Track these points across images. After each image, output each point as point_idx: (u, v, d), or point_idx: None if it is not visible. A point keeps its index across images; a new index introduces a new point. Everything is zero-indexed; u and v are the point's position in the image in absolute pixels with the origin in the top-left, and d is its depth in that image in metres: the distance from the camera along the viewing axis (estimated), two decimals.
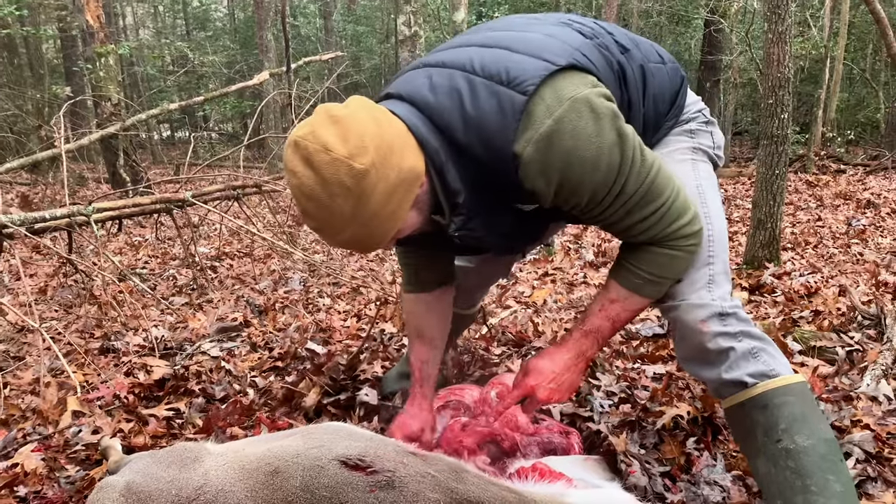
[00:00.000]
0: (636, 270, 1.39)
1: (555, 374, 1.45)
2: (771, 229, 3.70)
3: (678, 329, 1.45)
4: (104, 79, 7.47)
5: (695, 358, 1.45)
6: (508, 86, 1.22)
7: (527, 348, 2.57)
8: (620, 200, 1.29)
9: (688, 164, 1.57)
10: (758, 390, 1.36)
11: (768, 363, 1.38)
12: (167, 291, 3.86)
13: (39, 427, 2.12)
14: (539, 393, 1.45)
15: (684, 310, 1.41)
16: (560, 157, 1.21)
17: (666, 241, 1.35)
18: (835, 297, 3.13)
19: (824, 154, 11.59)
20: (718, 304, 1.41)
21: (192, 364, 2.54)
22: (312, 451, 1.26)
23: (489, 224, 1.35)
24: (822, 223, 6.39)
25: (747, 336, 1.40)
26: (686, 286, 1.43)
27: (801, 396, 1.37)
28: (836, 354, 2.35)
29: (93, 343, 2.96)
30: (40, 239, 2.83)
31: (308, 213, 1.19)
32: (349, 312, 3.32)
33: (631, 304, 1.42)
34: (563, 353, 1.46)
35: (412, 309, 1.79)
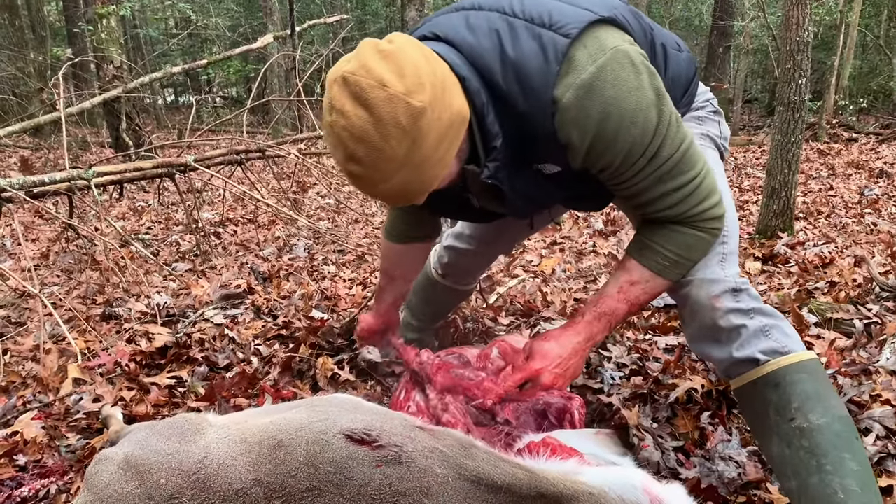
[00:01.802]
0: (663, 251, 1.32)
1: (562, 358, 1.37)
2: (785, 198, 3.62)
3: (689, 306, 1.40)
4: (106, 41, 7.34)
5: (705, 336, 1.40)
6: (550, 28, 1.16)
7: (535, 318, 2.51)
8: (654, 165, 1.23)
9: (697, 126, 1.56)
10: (770, 368, 1.32)
11: (780, 340, 1.34)
12: (170, 257, 3.81)
13: (40, 395, 2.08)
14: (544, 378, 1.37)
15: (697, 285, 1.37)
16: (599, 107, 1.14)
17: (694, 221, 1.30)
18: (850, 267, 3.07)
19: (836, 122, 11.41)
20: (731, 280, 1.37)
21: (195, 332, 2.50)
22: (317, 424, 1.21)
23: (512, 180, 1.28)
24: (834, 192, 6.29)
25: (759, 313, 1.36)
26: (699, 263, 1.38)
27: (815, 374, 1.32)
28: (854, 327, 2.29)
29: (94, 309, 2.91)
30: (40, 203, 2.78)
31: (354, 158, 1.08)
32: (354, 280, 3.27)
33: (652, 287, 1.36)
34: (572, 336, 1.38)
35: (387, 254, 1.81)
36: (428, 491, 1.11)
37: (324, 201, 5.72)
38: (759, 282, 2.89)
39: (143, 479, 1.10)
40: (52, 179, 2.81)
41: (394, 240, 1.75)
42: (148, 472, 1.12)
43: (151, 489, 1.09)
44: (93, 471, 1.17)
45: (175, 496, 1.08)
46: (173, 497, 1.08)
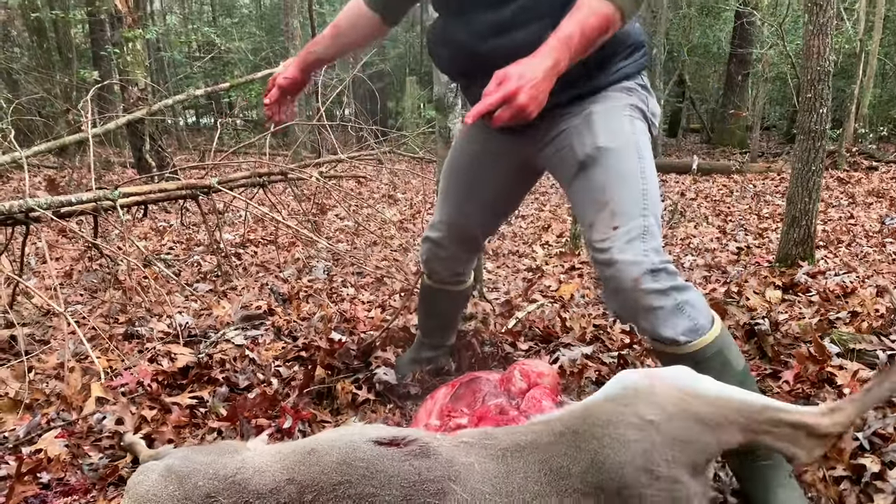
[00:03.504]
0: None
1: (535, 80, 1.35)
2: (806, 227, 3.60)
3: (611, 287, 1.53)
4: (131, 63, 7.48)
5: (628, 313, 1.55)
6: None
7: (554, 344, 2.51)
8: None
9: (626, 118, 1.62)
10: (690, 349, 1.51)
11: (694, 317, 1.51)
12: (191, 277, 3.85)
13: (63, 413, 2.11)
14: (521, 98, 1.33)
15: (619, 268, 1.49)
16: None
17: None
18: (872, 297, 3.04)
19: (856, 151, 11.35)
20: (650, 260, 1.48)
21: (216, 352, 2.52)
22: (347, 435, 1.29)
23: None
24: (854, 221, 6.25)
25: (675, 290, 1.50)
26: (622, 235, 1.50)
27: (724, 343, 1.55)
28: (877, 358, 2.26)
29: (117, 328, 2.95)
30: (66, 223, 2.82)
31: None
32: (373, 303, 3.28)
33: (598, 9, 1.40)
34: (540, 60, 1.37)
35: (350, 9, 1.90)
36: (456, 477, 1.18)
37: (343, 223, 5.76)
38: (779, 311, 2.87)
39: (182, 482, 1.17)
40: (78, 200, 2.86)
41: (368, 4, 1.87)
42: (187, 477, 1.20)
43: (189, 490, 1.15)
44: (134, 480, 1.24)
45: (211, 495, 1.14)
46: (209, 496, 1.14)
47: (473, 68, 1.64)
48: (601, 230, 1.54)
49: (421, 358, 2.35)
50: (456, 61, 1.72)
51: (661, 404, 1.25)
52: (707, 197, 8.07)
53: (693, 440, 1.23)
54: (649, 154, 1.61)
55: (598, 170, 1.58)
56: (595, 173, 1.59)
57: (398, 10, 1.91)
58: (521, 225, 5.75)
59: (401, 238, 5.15)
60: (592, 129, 1.61)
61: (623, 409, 1.25)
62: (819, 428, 1.28)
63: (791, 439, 1.28)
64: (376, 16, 1.88)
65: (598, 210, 1.57)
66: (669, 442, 1.21)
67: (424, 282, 2.21)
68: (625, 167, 1.58)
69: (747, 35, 13.05)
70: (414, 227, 5.65)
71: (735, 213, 6.89)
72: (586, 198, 1.61)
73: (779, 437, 1.28)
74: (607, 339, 2.58)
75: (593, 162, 1.59)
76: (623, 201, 1.55)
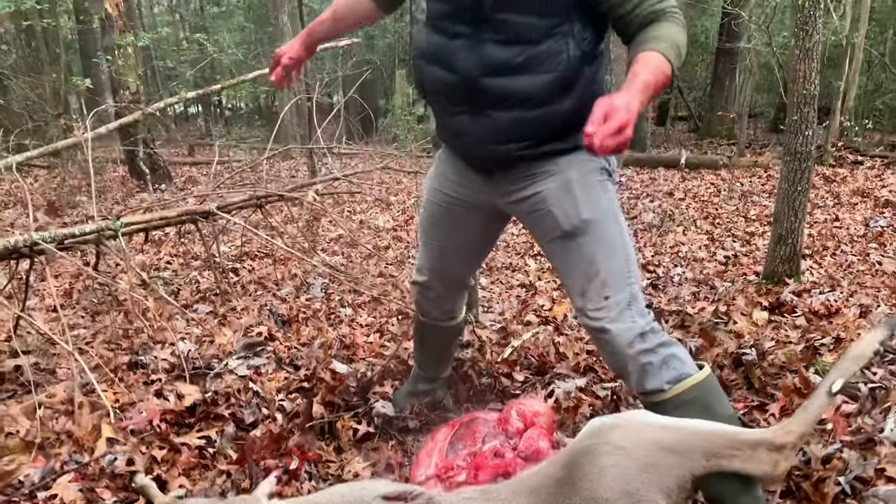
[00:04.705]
0: (665, 40, 1.50)
1: (634, 115, 1.39)
2: (792, 245, 3.70)
3: (607, 350, 1.70)
4: (123, 66, 7.48)
5: (621, 369, 1.72)
6: None
7: (549, 376, 2.59)
8: None
9: (600, 186, 1.73)
10: (672, 393, 1.66)
11: (678, 368, 1.67)
12: (190, 297, 3.91)
13: (76, 455, 2.17)
14: (629, 130, 1.35)
15: (613, 336, 1.65)
16: None
17: (669, 14, 1.54)
18: (856, 318, 3.15)
19: (841, 145, 11.48)
20: (639, 325, 1.66)
21: (222, 386, 2.58)
22: (356, 490, 1.41)
23: None
24: (839, 224, 6.36)
25: (662, 346, 1.67)
26: (614, 306, 1.66)
27: (706, 389, 1.68)
28: (859, 391, 2.36)
29: (120, 356, 3.00)
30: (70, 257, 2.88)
31: None
32: (371, 326, 3.36)
33: (667, 66, 1.49)
34: (633, 98, 1.40)
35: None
36: None
37: (337, 231, 5.81)
38: (766, 335, 2.97)
39: None
40: (81, 232, 2.92)
41: None
42: None
43: None
44: None
45: None
46: None
47: (463, 96, 1.69)
48: (594, 300, 1.67)
49: (418, 391, 2.44)
50: (447, 84, 1.72)
51: (627, 435, 1.43)
52: (695, 197, 8.18)
53: (660, 465, 1.38)
54: (623, 220, 1.75)
55: (585, 240, 1.69)
56: (582, 244, 1.69)
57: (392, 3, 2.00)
58: (513, 233, 5.82)
59: (395, 248, 5.22)
60: (574, 200, 1.70)
61: (597, 442, 1.42)
62: (776, 440, 1.43)
63: (754, 458, 1.42)
64: (372, 2, 1.97)
65: (589, 280, 1.68)
66: (642, 466, 1.37)
67: (418, 318, 2.29)
68: (609, 237, 1.69)
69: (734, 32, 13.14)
70: (408, 237, 5.72)
71: (723, 216, 6.99)
72: (575, 267, 1.71)
73: (743, 458, 1.42)
74: (600, 369, 2.67)
75: (579, 233, 1.69)
76: (611, 271, 1.67)
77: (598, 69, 1.71)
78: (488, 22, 1.60)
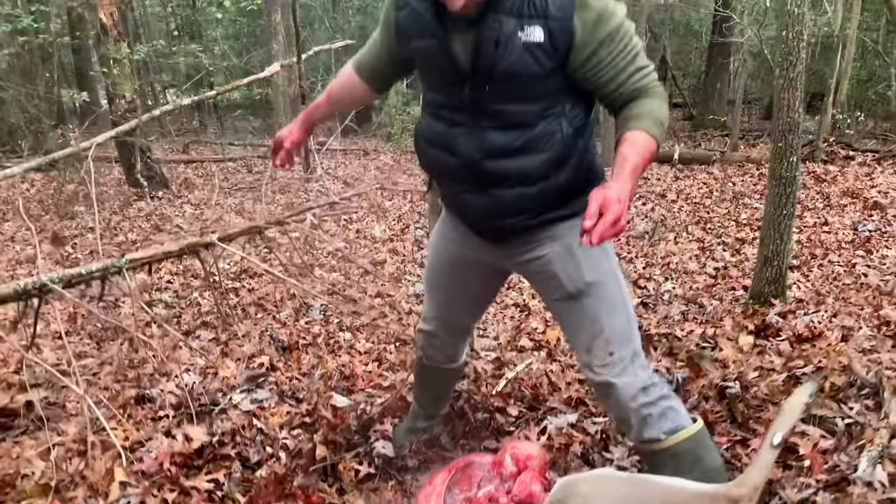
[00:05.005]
0: (650, 116, 1.61)
1: (626, 203, 1.48)
2: (778, 266, 3.81)
3: (612, 403, 1.82)
4: (119, 76, 7.53)
5: (623, 420, 1.84)
6: None
7: (542, 412, 2.70)
8: (630, 45, 1.61)
9: (599, 249, 1.80)
10: (669, 443, 1.77)
11: (675, 419, 1.78)
12: (192, 321, 4.01)
13: (90, 499, 2.28)
14: (623, 221, 1.45)
15: (618, 390, 1.77)
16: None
17: (653, 90, 1.65)
18: (837, 343, 3.26)
19: (833, 140, 11.57)
20: (641, 379, 1.78)
21: (227, 426, 2.69)
22: None
23: (498, 27, 1.58)
24: (828, 228, 6.47)
25: (662, 399, 1.79)
26: (618, 362, 1.78)
27: (698, 441, 1.80)
28: (836, 425, 2.47)
29: (128, 389, 3.10)
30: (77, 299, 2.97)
31: None
32: (370, 353, 3.46)
33: (651, 144, 1.60)
34: (624, 186, 1.49)
35: (343, 78, 2.07)
36: None
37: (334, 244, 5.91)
38: (751, 362, 3.08)
39: None
40: (88, 271, 3.01)
41: (355, 67, 2.02)
42: None
43: None
44: None
45: None
46: None
47: (466, 177, 1.78)
48: (599, 356, 1.79)
49: (417, 428, 2.54)
50: (450, 167, 1.80)
51: (595, 489, 1.62)
52: (687, 199, 8.28)
53: None
54: (621, 275, 1.87)
55: (589, 301, 1.80)
56: (586, 305, 1.80)
57: (387, 81, 2.06)
58: None
59: (392, 262, 5.32)
60: (577, 263, 1.80)
61: (568, 494, 1.60)
62: (732, 494, 1.55)
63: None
64: (366, 84, 2.03)
65: (594, 337, 1.80)
66: None
67: (423, 362, 2.39)
68: (611, 297, 1.81)
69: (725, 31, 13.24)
70: (404, 249, 5.81)
71: (714, 220, 7.10)
72: (579, 326, 1.83)
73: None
74: (591, 402, 2.78)
75: (583, 295, 1.80)
76: (614, 329, 1.79)
77: (589, 138, 1.81)
78: (486, 111, 1.69)
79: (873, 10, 16.41)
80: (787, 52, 3.49)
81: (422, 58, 1.78)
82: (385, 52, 1.90)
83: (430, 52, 1.71)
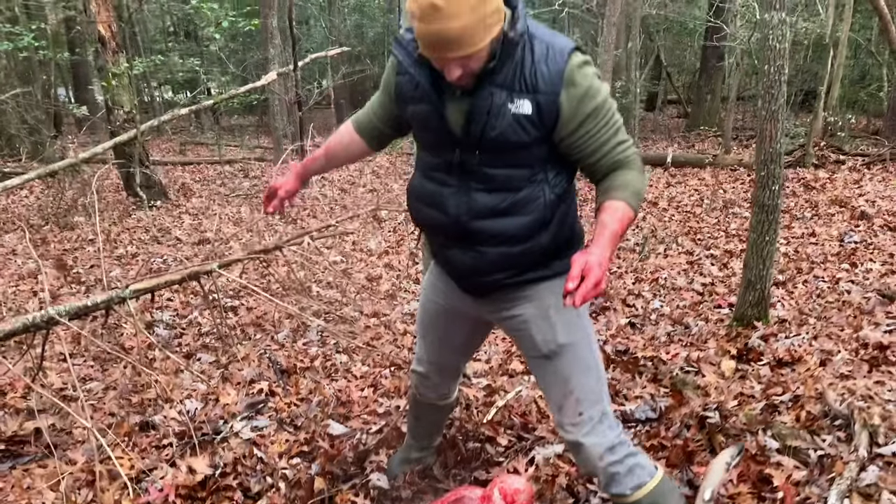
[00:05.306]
0: (628, 188, 1.73)
1: (606, 268, 1.61)
2: (760, 290, 3.93)
3: (582, 460, 1.96)
4: (117, 87, 7.61)
5: (591, 475, 2.02)
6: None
7: (531, 441, 2.83)
8: (612, 120, 1.73)
9: (574, 312, 1.90)
10: (636, 497, 1.90)
11: (640, 475, 1.91)
12: (193, 342, 4.13)
13: None
14: (603, 284, 1.58)
15: (586, 449, 1.90)
16: (591, 74, 1.70)
17: (632, 162, 1.76)
18: (816, 368, 3.39)
19: (824, 144, 11.69)
20: (609, 439, 1.90)
21: (229, 453, 2.81)
22: None
23: (490, 98, 1.69)
24: (815, 240, 6.59)
25: (628, 457, 1.91)
26: (587, 422, 1.90)
27: (660, 492, 1.93)
28: (809, 456, 2.60)
29: (132, 415, 3.22)
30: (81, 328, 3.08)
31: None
32: (366, 377, 3.58)
33: (629, 212, 1.72)
34: (603, 251, 1.62)
35: (342, 135, 2.18)
36: None
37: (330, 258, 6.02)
38: (732, 389, 3.21)
39: None
40: (94, 303, 3.13)
41: (354, 125, 2.15)
42: None
43: None
44: None
45: None
46: None
47: (455, 234, 1.90)
48: (569, 416, 1.91)
49: (411, 458, 2.67)
50: (440, 224, 1.92)
51: None
52: (678, 208, 8.41)
53: None
54: (594, 336, 1.99)
55: (561, 363, 1.92)
56: (559, 366, 1.92)
57: (385, 140, 2.17)
58: None
59: (387, 278, 5.43)
60: (552, 325, 1.92)
61: None
62: None
63: None
64: (365, 142, 2.15)
65: (565, 397, 1.92)
66: None
67: (417, 397, 2.51)
68: (583, 359, 1.93)
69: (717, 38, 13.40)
70: (399, 264, 5.93)
71: (704, 230, 7.23)
72: (552, 385, 1.96)
73: None
74: None
75: (556, 356, 1.92)
76: (584, 391, 1.91)
77: (571, 204, 1.94)
78: (475, 174, 1.81)
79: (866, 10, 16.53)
80: (769, 86, 3.61)
81: (418, 121, 1.90)
82: (384, 113, 2.03)
83: (426, 116, 1.83)
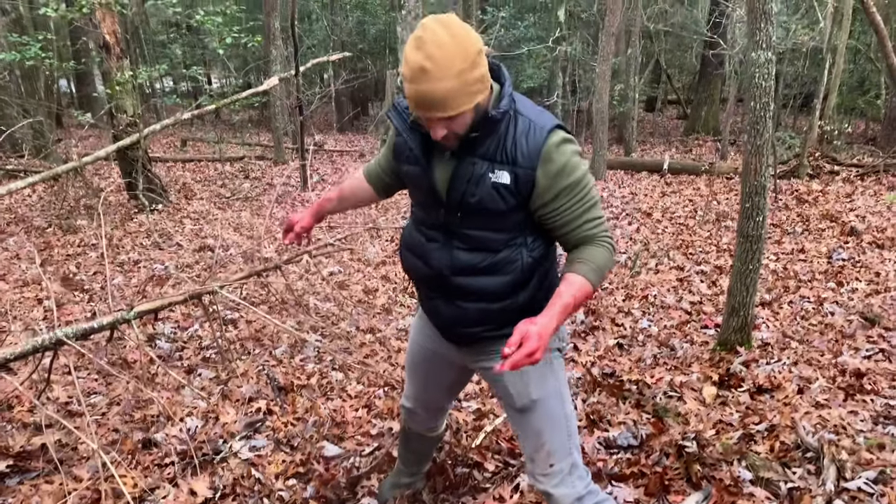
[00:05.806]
0: (590, 263, 1.83)
1: (546, 338, 1.69)
2: (743, 317, 4.06)
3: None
4: (121, 92, 7.72)
5: None
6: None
7: (516, 468, 2.96)
8: (587, 196, 1.83)
9: (549, 367, 2.04)
10: None
11: None
12: (194, 355, 4.25)
13: None
14: (538, 354, 1.65)
15: (557, 500, 2.01)
16: (570, 150, 1.79)
17: (602, 239, 1.86)
18: (794, 395, 3.52)
19: (819, 154, 11.79)
20: (577, 490, 2.02)
21: (228, 474, 2.94)
22: None
23: (472, 167, 1.82)
24: (804, 256, 6.71)
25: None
26: (557, 473, 2.02)
27: None
28: (780, 489, 2.74)
29: (135, 431, 3.35)
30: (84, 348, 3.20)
31: (430, 57, 1.58)
32: (361, 396, 3.71)
33: (586, 286, 1.82)
34: (548, 322, 1.71)
35: (354, 182, 2.36)
36: None
37: (326, 270, 6.15)
38: (711, 416, 3.35)
39: None
40: (100, 325, 3.25)
41: (365, 174, 2.31)
42: None
43: None
44: None
45: None
46: None
47: (437, 286, 2.04)
48: (540, 467, 2.05)
49: (401, 483, 2.81)
50: (424, 275, 2.06)
51: None
52: (672, 219, 8.53)
53: None
54: (569, 398, 2.10)
55: (533, 417, 2.05)
56: (531, 419, 2.06)
57: (391, 189, 2.32)
58: None
59: (384, 291, 5.56)
60: (526, 381, 2.04)
61: None
62: None
63: None
64: (372, 189, 2.31)
65: (536, 450, 2.06)
66: None
67: (407, 428, 2.65)
68: (554, 414, 2.06)
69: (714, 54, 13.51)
70: (396, 277, 6.06)
71: (696, 244, 7.35)
72: (525, 436, 2.10)
73: None
74: None
75: (529, 410, 2.05)
76: (555, 444, 2.04)
77: (551, 266, 2.06)
78: (457, 234, 1.94)
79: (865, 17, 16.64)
80: (755, 122, 3.73)
81: (409, 180, 2.04)
82: (388, 166, 2.20)
83: (416, 176, 1.96)
